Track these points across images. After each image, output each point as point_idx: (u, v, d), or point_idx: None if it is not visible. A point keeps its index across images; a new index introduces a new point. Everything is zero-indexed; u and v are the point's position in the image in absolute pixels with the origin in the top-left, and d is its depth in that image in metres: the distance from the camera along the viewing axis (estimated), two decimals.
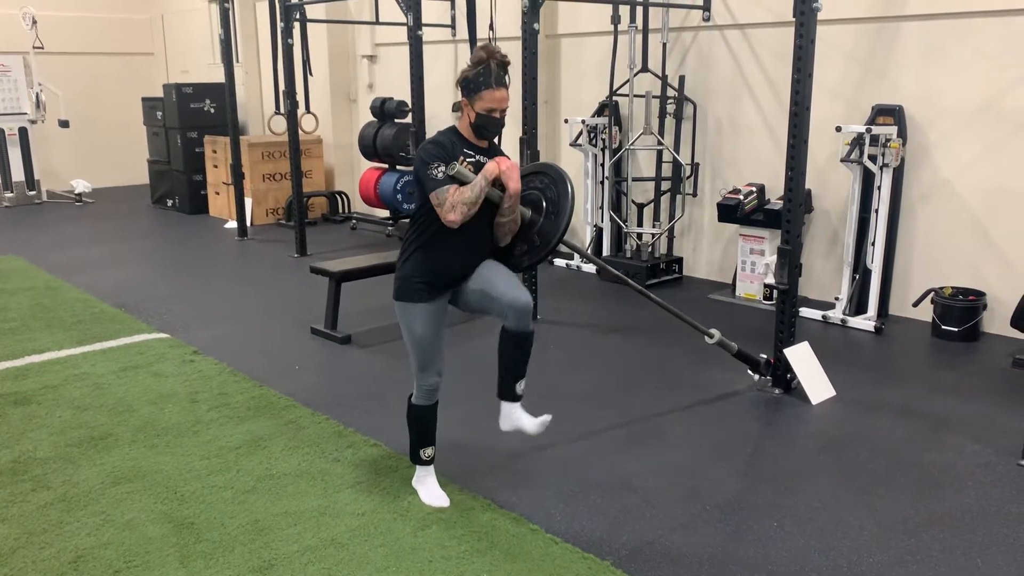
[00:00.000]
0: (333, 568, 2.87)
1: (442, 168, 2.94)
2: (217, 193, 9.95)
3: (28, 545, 3.02)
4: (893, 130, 5.33)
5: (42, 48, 10.70)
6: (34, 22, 10.57)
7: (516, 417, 3.22)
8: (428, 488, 3.32)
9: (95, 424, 4.04)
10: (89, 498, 3.35)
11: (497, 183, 3.01)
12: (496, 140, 3.24)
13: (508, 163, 3.01)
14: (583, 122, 6.97)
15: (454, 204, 2.93)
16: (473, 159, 3.07)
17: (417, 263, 3.09)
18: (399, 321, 3.18)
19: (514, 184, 3.01)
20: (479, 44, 3.04)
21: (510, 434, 3.92)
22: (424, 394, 3.21)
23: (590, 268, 7.12)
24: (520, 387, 3.21)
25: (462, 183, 2.96)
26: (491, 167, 2.98)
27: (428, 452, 3.30)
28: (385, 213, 9.21)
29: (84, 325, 5.62)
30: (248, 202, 9.04)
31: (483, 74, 2.97)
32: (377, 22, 8.78)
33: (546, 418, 3.21)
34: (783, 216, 4.30)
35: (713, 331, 4.26)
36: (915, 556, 2.94)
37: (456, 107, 3.12)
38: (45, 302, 6.21)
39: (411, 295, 3.10)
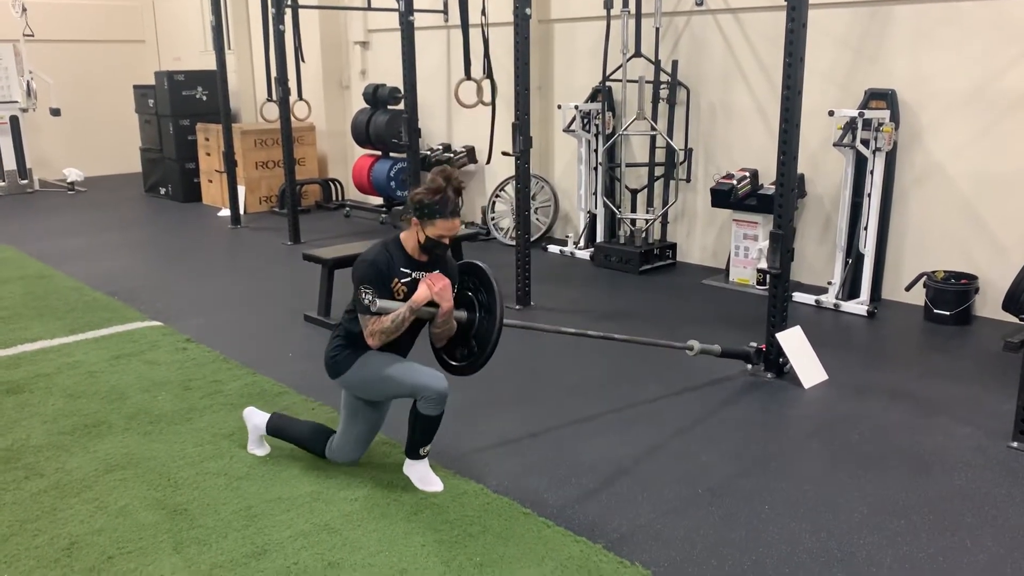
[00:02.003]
0: (326, 553, 2.88)
1: (370, 295, 3.00)
2: (210, 181, 9.92)
3: (21, 532, 3.02)
4: (886, 114, 5.33)
5: (32, 36, 10.62)
6: (24, 9, 10.49)
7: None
8: (421, 473, 3.32)
9: (88, 412, 4.04)
10: (82, 485, 3.35)
11: (431, 301, 3.07)
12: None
13: (440, 284, 3.06)
14: (576, 108, 6.96)
15: (373, 332, 3.08)
16: (408, 278, 3.15)
17: (341, 346, 3.25)
18: (359, 392, 3.27)
19: (446, 304, 3.09)
20: (437, 169, 3.12)
21: (503, 419, 3.95)
22: (433, 403, 3.16)
23: (584, 254, 7.13)
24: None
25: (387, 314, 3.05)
26: (421, 295, 3.04)
27: (426, 449, 3.30)
28: (379, 200, 9.20)
29: (76, 313, 5.61)
30: (241, 190, 9.02)
31: (440, 204, 3.04)
32: (369, 8, 8.73)
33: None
34: (775, 201, 4.30)
35: (692, 343, 4.24)
36: (905, 537, 2.96)
37: (403, 220, 3.17)
38: (37, 291, 6.20)
39: (348, 361, 3.23)
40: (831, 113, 5.33)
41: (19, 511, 3.17)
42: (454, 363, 3.35)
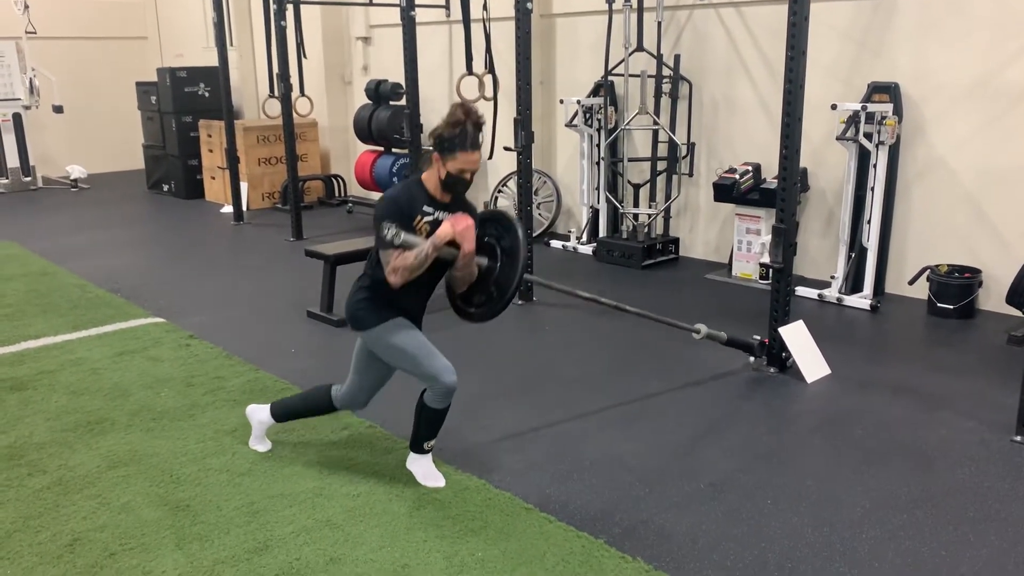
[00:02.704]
0: (328, 548, 2.88)
1: (392, 230, 2.93)
2: (213, 178, 9.93)
3: (24, 529, 3.03)
4: (889, 108, 5.31)
5: (35, 33, 10.63)
6: (26, 7, 10.50)
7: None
8: (423, 468, 3.33)
9: (91, 409, 4.05)
10: (85, 482, 3.36)
11: (452, 242, 3.01)
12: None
13: (464, 225, 2.99)
14: (579, 102, 6.94)
15: (395, 268, 2.99)
16: (432, 216, 3.08)
17: (370, 296, 3.16)
18: (378, 352, 3.20)
19: (468, 246, 3.01)
20: (456, 103, 3.10)
21: (505, 413, 3.95)
22: (441, 395, 3.15)
23: (586, 249, 7.12)
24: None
25: (410, 249, 2.98)
26: (444, 231, 2.97)
27: (431, 443, 3.30)
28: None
29: (80, 310, 5.62)
30: (244, 186, 9.02)
31: (459, 136, 2.98)
32: (371, 3, 8.71)
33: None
34: (777, 195, 4.28)
35: (699, 326, 4.23)
36: (908, 532, 2.95)
37: (425, 159, 3.12)
38: (40, 288, 6.21)
39: (371, 319, 3.14)
40: (834, 107, 5.31)
41: (22, 508, 3.17)
42: (472, 309, 3.26)
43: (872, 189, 5.40)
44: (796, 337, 4.40)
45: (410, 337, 3.14)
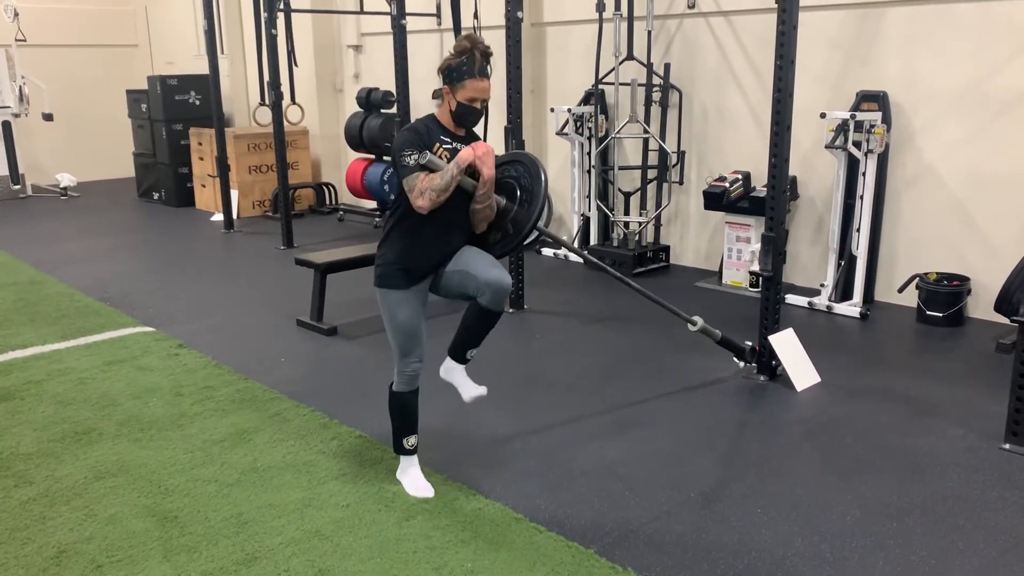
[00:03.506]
0: (317, 560, 2.86)
1: (415, 155, 2.95)
2: (203, 186, 9.90)
3: (10, 541, 3.01)
4: (877, 116, 5.33)
5: (24, 40, 10.59)
6: (16, 14, 10.46)
7: (458, 377, 3.29)
8: (412, 479, 3.31)
9: (78, 419, 4.02)
10: (72, 493, 3.33)
11: (471, 171, 3.01)
12: (475, 129, 3.24)
13: (484, 149, 3.00)
14: (569, 111, 6.95)
15: (423, 190, 2.95)
16: (449, 146, 3.08)
17: (396, 249, 3.11)
18: (380, 308, 3.19)
19: (488, 170, 3.00)
20: (463, 34, 3.05)
21: (495, 423, 3.93)
22: (405, 380, 3.22)
23: (577, 258, 7.12)
24: (471, 354, 3.26)
25: (433, 171, 2.96)
26: (465, 153, 2.97)
27: (411, 441, 3.29)
28: (372, 204, 9.19)
29: (68, 319, 5.59)
30: (234, 194, 9.00)
31: (467, 63, 2.98)
32: (362, 11, 8.73)
33: (482, 392, 3.26)
34: (767, 203, 4.29)
35: (696, 318, 4.25)
36: (897, 540, 2.96)
37: (436, 94, 3.12)
38: (29, 297, 6.18)
39: (392, 282, 3.12)
40: (823, 115, 5.33)
41: (8, 519, 3.15)
42: (486, 247, 3.24)
43: (861, 197, 5.42)
44: (786, 345, 4.40)
45: (410, 314, 3.14)
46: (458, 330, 3.22)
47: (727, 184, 6.07)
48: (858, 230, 5.48)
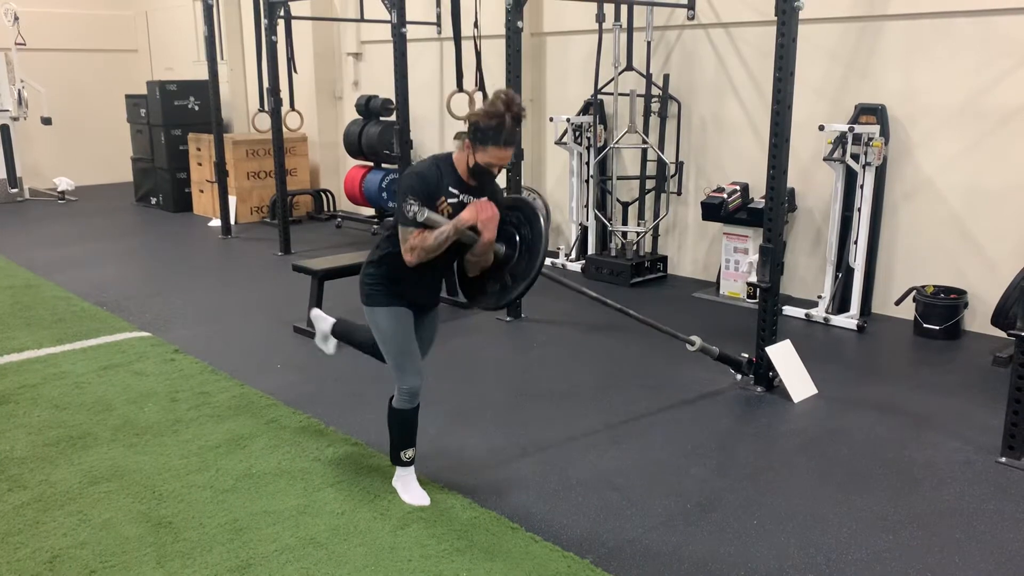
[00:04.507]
0: (312, 568, 2.85)
1: (416, 207, 2.88)
2: (201, 191, 9.90)
3: (3, 545, 2.99)
4: (875, 129, 5.35)
5: (24, 44, 10.61)
6: (16, 18, 10.48)
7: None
8: (408, 487, 3.30)
9: (73, 423, 4.01)
10: (66, 498, 3.32)
11: (473, 227, 2.97)
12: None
13: (488, 213, 2.95)
14: (568, 120, 6.97)
15: (414, 247, 2.95)
16: (456, 199, 3.02)
17: (383, 273, 3.14)
18: (371, 326, 3.21)
19: (489, 235, 2.97)
20: (499, 91, 2.94)
21: (491, 431, 3.92)
22: (406, 398, 3.19)
23: (575, 267, 7.12)
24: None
25: (430, 228, 2.93)
26: (467, 215, 2.93)
27: (409, 454, 3.29)
28: (370, 211, 9.19)
29: (64, 324, 5.58)
30: (232, 200, 8.99)
31: (495, 130, 2.87)
32: (362, 19, 8.75)
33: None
34: (765, 214, 4.30)
35: (693, 338, 4.24)
36: (893, 553, 2.95)
37: (460, 137, 3.04)
38: (25, 300, 6.16)
39: (379, 299, 3.14)
40: (821, 128, 5.35)
41: (1, 523, 3.13)
42: (482, 294, 3.24)
43: (859, 209, 5.44)
44: (783, 356, 4.40)
45: (401, 330, 3.14)
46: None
47: (725, 195, 6.08)
48: (856, 242, 5.49)
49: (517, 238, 3.12)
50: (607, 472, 3.55)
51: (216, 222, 9.14)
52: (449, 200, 3.01)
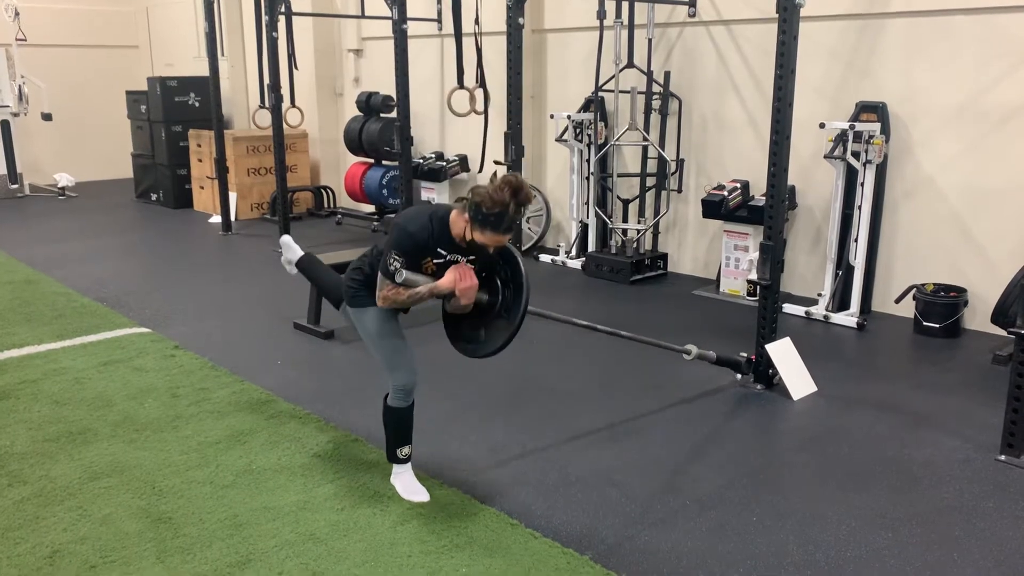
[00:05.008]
0: (311, 563, 2.85)
1: (397, 264, 2.92)
2: (201, 187, 9.90)
3: (3, 540, 2.99)
4: (876, 127, 5.35)
5: (25, 40, 10.59)
6: (16, 14, 10.46)
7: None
8: (406, 483, 3.31)
9: (73, 419, 4.01)
10: (66, 493, 3.32)
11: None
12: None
13: (466, 284, 2.96)
14: (569, 117, 6.97)
15: (386, 297, 3.01)
16: (442, 260, 3.03)
17: (367, 278, 3.17)
18: (358, 328, 3.24)
19: (465, 301, 3.01)
20: (508, 177, 2.86)
21: (491, 428, 3.93)
22: (400, 395, 3.20)
23: (575, 264, 7.12)
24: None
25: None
26: (446, 283, 2.96)
27: (405, 451, 3.29)
28: (371, 208, 9.18)
29: (64, 319, 5.58)
30: (232, 196, 8.99)
31: (496, 218, 2.81)
32: (363, 16, 8.74)
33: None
34: (765, 212, 4.30)
35: (689, 347, 4.23)
36: (893, 550, 2.95)
37: (460, 201, 2.95)
38: (25, 296, 6.16)
39: (364, 300, 3.17)
40: (822, 125, 5.35)
41: (1, 518, 3.13)
42: (458, 340, 3.27)
43: (859, 207, 5.44)
44: (783, 354, 4.41)
45: (388, 328, 3.17)
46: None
47: (726, 192, 6.08)
48: (856, 240, 5.49)
49: (498, 284, 3.12)
50: (607, 469, 3.55)
51: (216, 218, 9.14)
52: (435, 260, 3.03)
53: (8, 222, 9.23)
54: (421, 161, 8.35)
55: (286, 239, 4.09)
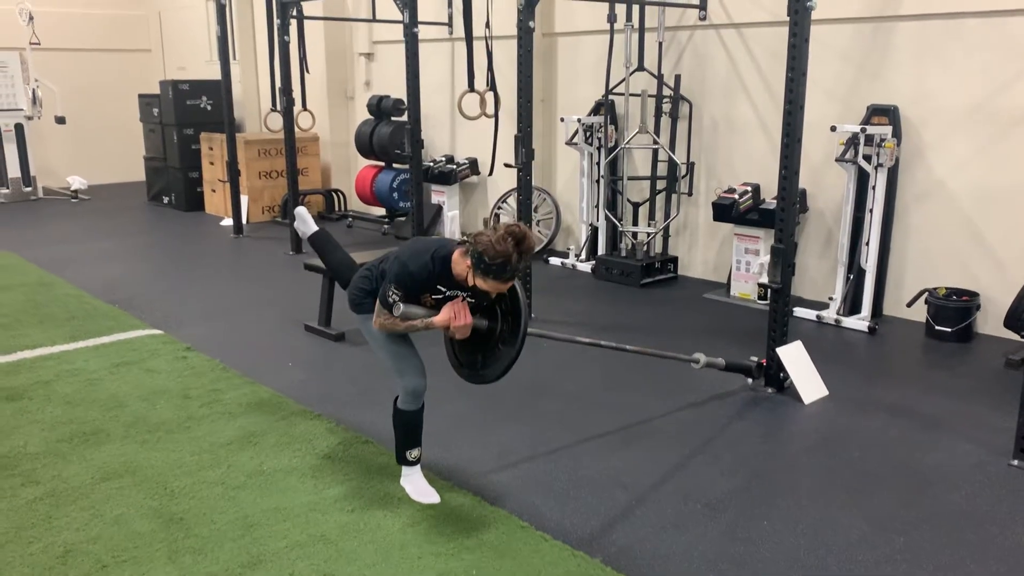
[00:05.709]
0: (321, 564, 2.86)
1: (396, 297, 2.97)
2: (213, 190, 9.94)
3: (16, 540, 3.01)
4: (888, 130, 5.33)
5: (39, 44, 10.67)
6: (31, 18, 10.55)
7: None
8: (417, 485, 3.31)
9: (86, 420, 4.04)
10: (79, 493, 3.34)
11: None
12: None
13: (461, 322, 2.99)
14: (579, 121, 6.97)
15: (383, 324, 3.07)
16: (440, 296, 3.06)
17: (372, 288, 3.21)
18: (364, 334, 3.27)
19: (459, 336, 3.05)
20: (512, 227, 2.84)
21: (502, 430, 3.93)
22: (409, 399, 3.20)
23: (585, 267, 7.12)
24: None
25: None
26: (441, 319, 3.00)
27: (415, 453, 3.29)
28: (381, 211, 9.20)
29: (77, 321, 5.61)
30: (244, 199, 9.03)
31: (499, 267, 2.79)
32: (374, 20, 8.77)
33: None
34: (776, 216, 4.29)
35: (698, 356, 4.20)
36: (904, 555, 2.94)
37: (463, 244, 2.94)
38: (38, 298, 6.20)
39: (370, 307, 3.19)
40: (833, 128, 5.33)
41: (15, 518, 3.16)
42: (458, 362, 3.32)
43: (871, 211, 5.42)
44: (794, 358, 4.39)
45: (394, 335, 3.17)
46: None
47: (736, 196, 6.07)
48: (867, 244, 5.47)
49: (498, 313, 3.14)
50: (617, 472, 3.55)
51: (228, 221, 9.17)
52: (434, 296, 3.07)
53: (22, 225, 9.30)
54: (431, 164, 8.37)
55: (301, 210, 4.09)
